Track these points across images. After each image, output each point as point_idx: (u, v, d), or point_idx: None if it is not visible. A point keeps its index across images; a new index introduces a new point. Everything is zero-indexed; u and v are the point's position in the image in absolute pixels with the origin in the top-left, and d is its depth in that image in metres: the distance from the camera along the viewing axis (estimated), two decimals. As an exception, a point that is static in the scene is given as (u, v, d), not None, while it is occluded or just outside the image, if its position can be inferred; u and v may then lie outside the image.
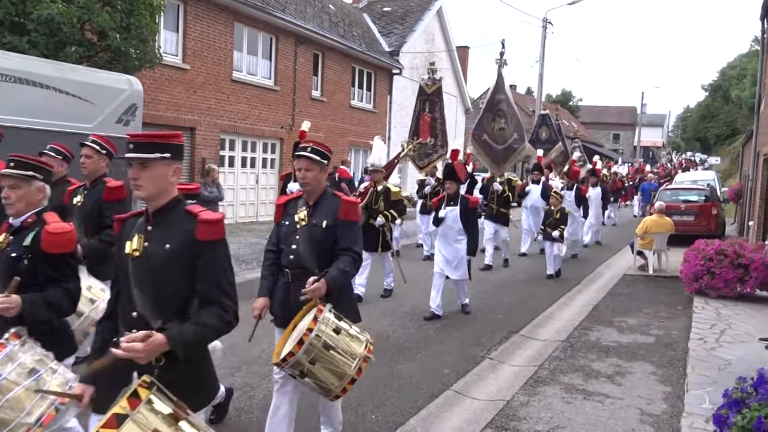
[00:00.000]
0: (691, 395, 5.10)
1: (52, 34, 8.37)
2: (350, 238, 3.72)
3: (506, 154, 12.06)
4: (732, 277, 8.55)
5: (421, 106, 12.89)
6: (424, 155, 12.59)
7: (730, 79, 54.17)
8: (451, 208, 7.65)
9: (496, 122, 12.01)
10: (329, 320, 3.40)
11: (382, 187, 8.51)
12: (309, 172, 3.73)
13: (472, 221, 7.72)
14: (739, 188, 18.90)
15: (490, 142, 11.96)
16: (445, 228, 7.72)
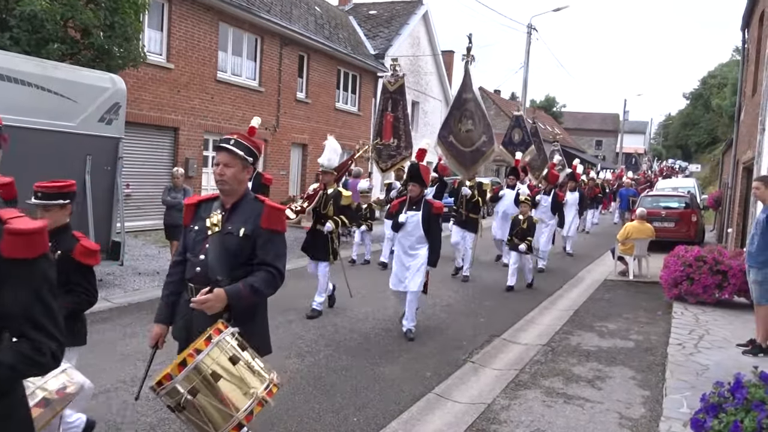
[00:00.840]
0: (669, 400, 5.15)
1: (34, 30, 8.28)
2: (271, 251, 3.18)
3: (474, 157, 11.10)
4: (711, 283, 8.65)
5: (384, 105, 12.05)
6: (387, 157, 11.79)
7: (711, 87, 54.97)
8: (413, 212, 6.97)
9: (463, 123, 11.04)
10: (227, 345, 2.82)
11: (333, 190, 7.78)
12: (228, 169, 3.17)
13: (435, 229, 6.98)
14: (719, 196, 19.14)
15: (457, 144, 11.08)
16: (404, 234, 7.07)
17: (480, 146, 10.91)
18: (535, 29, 28.73)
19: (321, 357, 6.15)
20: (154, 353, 3.38)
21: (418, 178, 7.09)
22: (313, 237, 7.77)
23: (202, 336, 2.84)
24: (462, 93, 11.34)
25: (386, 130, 11.71)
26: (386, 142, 11.57)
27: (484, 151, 10.96)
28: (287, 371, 5.67)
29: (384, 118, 11.79)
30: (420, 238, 6.97)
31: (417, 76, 28.18)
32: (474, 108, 11.05)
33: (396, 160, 11.92)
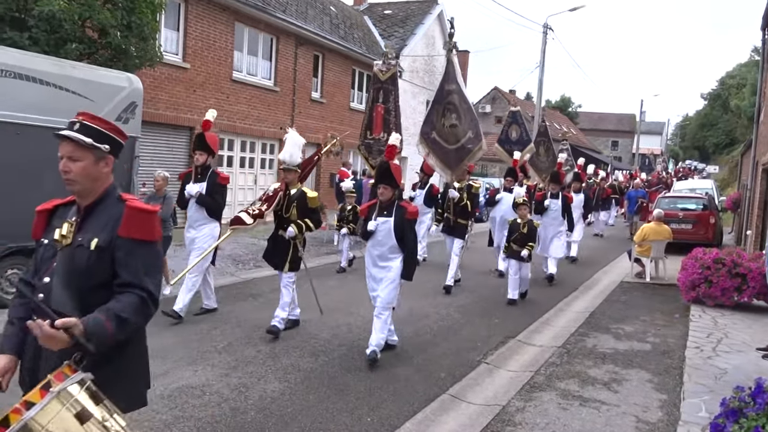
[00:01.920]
0: (687, 404, 5.09)
1: (53, 30, 8.36)
2: (137, 268, 2.43)
3: (459, 156, 9.79)
4: (729, 286, 8.54)
5: (374, 96, 10.86)
6: (378, 152, 10.52)
7: (729, 88, 54.39)
8: (384, 219, 6.07)
9: (446, 118, 9.82)
10: (70, 398, 2.04)
11: (296, 190, 6.92)
12: (74, 163, 2.43)
13: (409, 237, 6.09)
14: (737, 197, 18.93)
15: (441, 141, 9.86)
16: (374, 244, 6.18)
17: (465, 143, 9.69)
18: (551, 29, 28.54)
19: (335, 357, 6.15)
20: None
21: (388, 179, 6.13)
22: (274, 244, 7.03)
23: (41, 383, 2.10)
24: (444, 84, 10.11)
25: (376, 124, 10.60)
26: (376, 136, 10.48)
27: (471, 149, 9.66)
28: (301, 371, 5.68)
29: (374, 110, 10.70)
30: (392, 248, 6.09)
31: (431, 75, 28.11)
32: (458, 101, 9.83)
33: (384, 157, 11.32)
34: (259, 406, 4.85)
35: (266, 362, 5.86)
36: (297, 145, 7.02)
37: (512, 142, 15.28)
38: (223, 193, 7.48)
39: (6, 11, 8.17)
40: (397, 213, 6.07)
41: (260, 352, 6.16)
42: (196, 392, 5.04)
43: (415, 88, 26.93)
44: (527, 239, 9.00)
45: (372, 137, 10.61)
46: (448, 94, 9.89)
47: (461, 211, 10.02)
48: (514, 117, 15.99)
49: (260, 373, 5.56)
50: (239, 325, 7.07)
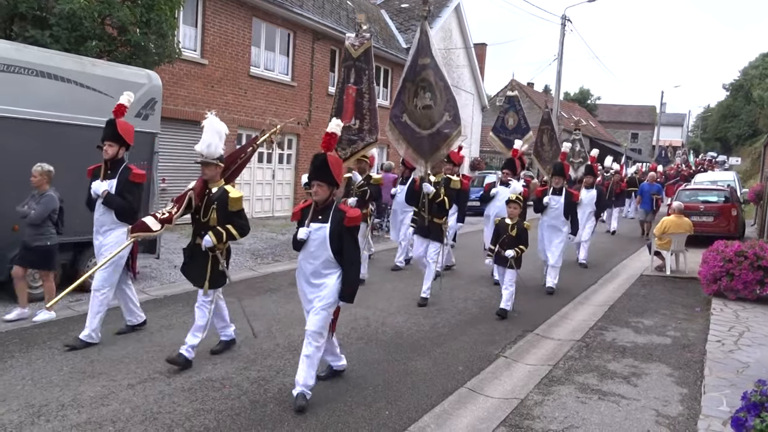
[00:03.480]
0: (708, 398, 5.04)
1: (73, 28, 8.46)
2: None
3: (434, 143, 8.20)
4: (751, 279, 8.43)
5: (345, 75, 9.15)
6: (347, 142, 8.99)
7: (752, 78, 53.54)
8: (318, 225, 4.87)
9: (419, 98, 8.19)
10: None
11: (218, 189, 5.66)
12: None
13: (350, 248, 4.89)
14: (760, 189, 18.63)
15: (412, 125, 8.28)
16: (306, 256, 4.94)
17: (442, 127, 8.12)
18: (570, 20, 28.33)
19: (353, 350, 6.17)
20: None
21: (323, 175, 4.89)
22: (192, 255, 5.75)
23: None
24: (417, 58, 8.32)
25: (347, 109, 8.93)
26: (346, 123, 8.75)
27: (448, 134, 8.12)
28: (319, 364, 5.71)
29: (344, 92, 9.03)
30: (328, 262, 4.88)
31: (449, 69, 27.96)
32: (434, 77, 8.19)
33: (357, 147, 9.09)
34: (278, 398, 4.90)
35: (285, 355, 5.91)
36: (217, 133, 5.69)
37: (509, 131, 13.95)
38: (135, 192, 6.34)
39: (27, 10, 8.29)
40: (334, 218, 4.87)
41: (279, 345, 6.21)
42: (216, 385, 5.10)
43: (432, 82, 26.80)
44: (515, 243, 7.77)
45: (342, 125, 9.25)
46: (422, 69, 8.27)
47: (438, 209, 8.36)
48: (511, 102, 14.51)
49: (279, 366, 5.61)
50: (257, 319, 7.12)
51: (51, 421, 4.33)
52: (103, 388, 4.93)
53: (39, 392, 4.81)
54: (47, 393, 4.80)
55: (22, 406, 4.55)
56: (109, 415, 4.46)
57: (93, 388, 4.92)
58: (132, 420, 4.39)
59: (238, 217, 5.69)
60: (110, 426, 4.30)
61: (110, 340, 6.19)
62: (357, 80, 9.03)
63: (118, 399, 4.74)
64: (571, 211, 9.72)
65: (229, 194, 5.63)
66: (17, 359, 5.54)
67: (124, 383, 5.04)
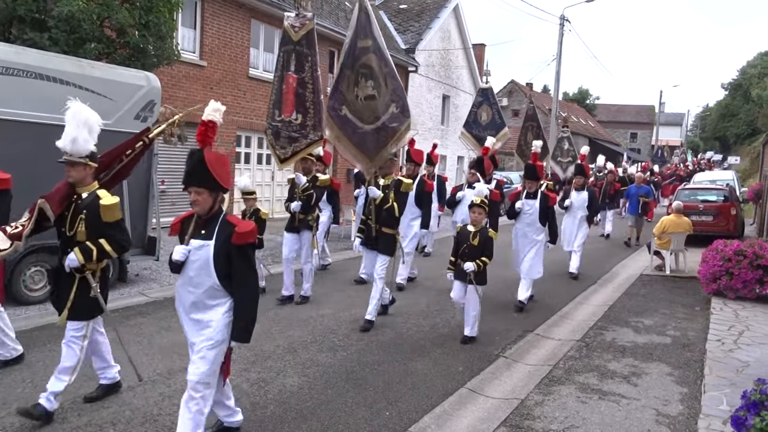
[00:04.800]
0: (708, 397, 5.05)
1: (72, 30, 8.46)
2: None
3: (380, 139, 7.03)
4: (751, 278, 8.44)
5: (284, 62, 7.76)
6: (288, 140, 7.78)
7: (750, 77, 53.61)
8: (200, 242, 3.83)
9: (360, 87, 7.04)
10: None
11: (88, 195, 4.55)
12: None
13: (242, 270, 3.82)
14: (759, 188, 18.64)
15: (353, 119, 7.13)
16: (185, 281, 3.88)
17: (388, 121, 6.97)
18: (568, 20, 28.35)
19: (353, 351, 6.17)
20: None
21: (202, 179, 3.83)
22: (57, 278, 4.69)
23: None
24: (356, 40, 7.09)
25: (286, 100, 7.71)
26: (286, 117, 7.68)
27: (395, 129, 6.96)
28: (319, 365, 5.72)
29: (284, 81, 7.76)
30: (213, 291, 3.84)
31: (448, 69, 28.06)
32: (377, 63, 6.99)
33: (300, 145, 7.82)
34: (279, 400, 4.90)
35: (285, 357, 5.91)
36: (86, 125, 4.50)
37: (482, 126, 12.59)
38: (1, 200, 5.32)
39: (26, 12, 8.29)
40: (220, 233, 3.81)
41: (279, 347, 6.21)
42: (216, 387, 5.09)
43: (432, 83, 26.87)
44: (478, 254, 6.53)
45: (280, 119, 7.75)
46: (362, 53, 7.05)
47: (387, 217, 7.12)
48: (485, 96, 13.13)
49: (279, 368, 5.61)
50: (258, 320, 7.11)
51: (51, 423, 4.33)
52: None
53: (40, 395, 4.80)
54: (47, 395, 4.79)
55: (22, 408, 4.53)
56: (109, 417, 4.46)
57: (92, 391, 4.91)
58: (132, 422, 4.39)
59: (113, 230, 4.53)
60: (110, 428, 4.30)
61: (110, 342, 6.18)
62: (298, 68, 7.74)
63: (117, 401, 4.74)
64: (548, 216, 8.51)
65: (101, 201, 4.48)
66: (18, 362, 5.53)
67: (124, 385, 5.04)
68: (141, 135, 4.99)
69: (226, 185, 3.93)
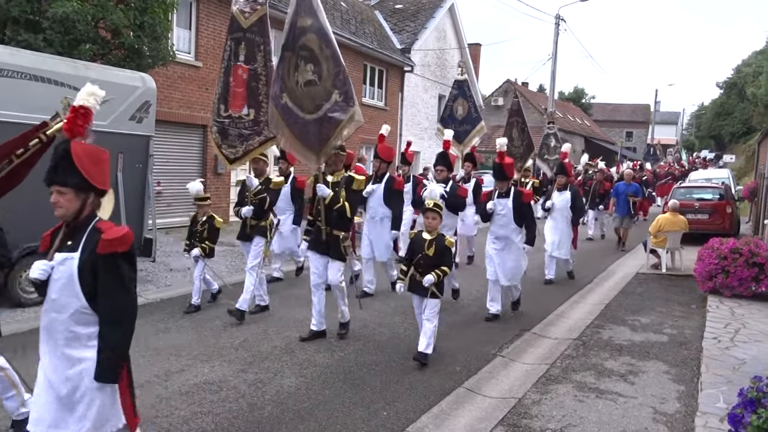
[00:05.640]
0: (705, 394, 5.06)
1: (66, 32, 8.43)
2: None
3: (323, 131, 6.09)
4: (747, 276, 8.46)
5: (233, 51, 7.09)
6: (238, 138, 7.04)
7: (745, 76, 53.58)
8: (64, 255, 3.04)
9: (300, 71, 6.10)
10: None
11: None
12: None
13: (109, 290, 2.99)
14: (754, 186, 18.69)
15: (294, 108, 6.16)
16: (50, 306, 3.05)
17: (330, 110, 6.01)
18: (563, 20, 28.37)
19: (350, 351, 6.17)
20: None
21: (66, 174, 3.07)
22: None
23: None
24: (296, 19, 6.23)
25: (236, 94, 7.00)
26: (235, 113, 6.97)
27: (338, 120, 6.01)
28: (317, 366, 5.72)
29: (231, 73, 7.05)
30: (80, 316, 3.02)
31: (443, 69, 28.06)
32: (318, 44, 6.06)
33: (253, 144, 7.07)
34: (276, 401, 4.89)
35: (282, 358, 5.90)
36: None
37: (458, 121, 11.83)
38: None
39: (20, 13, 8.26)
40: (87, 243, 3.03)
41: (276, 347, 6.20)
42: (213, 388, 5.09)
43: (427, 82, 26.88)
44: (435, 264, 5.79)
45: (227, 114, 7.01)
46: (302, 33, 6.13)
47: (338, 219, 6.42)
48: (461, 88, 12.25)
49: (276, 369, 5.60)
50: (254, 321, 7.11)
51: (48, 426, 4.30)
52: (100, 393, 4.91)
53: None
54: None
55: (18, 411, 4.52)
56: (106, 419, 4.44)
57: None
58: (129, 424, 4.37)
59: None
60: (107, 430, 4.28)
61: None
62: (249, 58, 6.99)
63: (115, 403, 4.72)
64: (524, 215, 7.70)
65: None
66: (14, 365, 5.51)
67: (121, 387, 5.02)
68: (36, 131, 4.19)
69: (100, 185, 3.14)
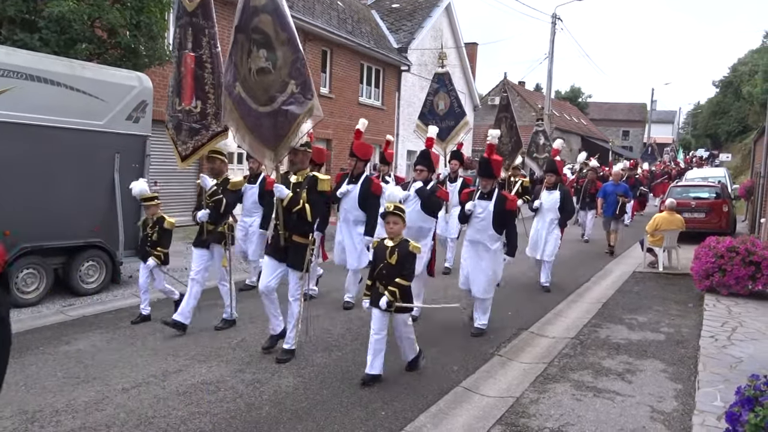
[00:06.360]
0: (702, 393, 5.07)
1: (62, 31, 8.41)
2: None
3: (278, 126, 5.43)
4: (743, 274, 8.49)
5: (182, 38, 6.39)
6: (189, 133, 6.43)
7: (741, 75, 53.77)
8: None
9: (252, 58, 5.44)
10: None
11: None
12: None
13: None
14: (751, 185, 18.75)
15: (248, 99, 5.51)
16: None
17: (285, 102, 5.34)
18: (560, 19, 28.44)
19: (348, 351, 6.17)
20: None
21: None
22: None
23: None
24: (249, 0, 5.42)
25: (186, 86, 6.33)
26: (186, 106, 6.35)
27: (296, 115, 5.34)
28: (314, 365, 5.71)
29: (182, 62, 6.36)
30: None
31: (440, 69, 28.03)
32: (273, 28, 5.33)
33: (202, 139, 6.42)
34: (274, 400, 4.89)
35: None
36: None
37: (440, 117, 11.02)
38: None
39: (16, 13, 8.23)
40: None
41: (273, 348, 6.19)
42: (210, 388, 5.08)
43: (424, 82, 26.82)
44: (396, 273, 5.19)
45: (181, 108, 6.39)
46: (254, 13, 5.40)
47: (297, 222, 5.73)
48: (441, 81, 11.43)
49: (274, 369, 5.59)
50: (252, 321, 7.10)
51: (45, 427, 4.31)
52: (98, 393, 4.91)
53: (32, 398, 4.78)
54: (41, 399, 4.77)
55: (15, 412, 4.52)
56: (103, 420, 4.43)
57: (87, 393, 4.89)
58: (127, 424, 4.37)
59: None
60: (105, 431, 4.27)
61: (104, 344, 6.17)
62: (195, 45, 6.30)
63: (112, 404, 4.72)
64: (505, 222, 6.88)
65: None
66: (10, 365, 5.46)
67: (119, 387, 5.02)
68: None
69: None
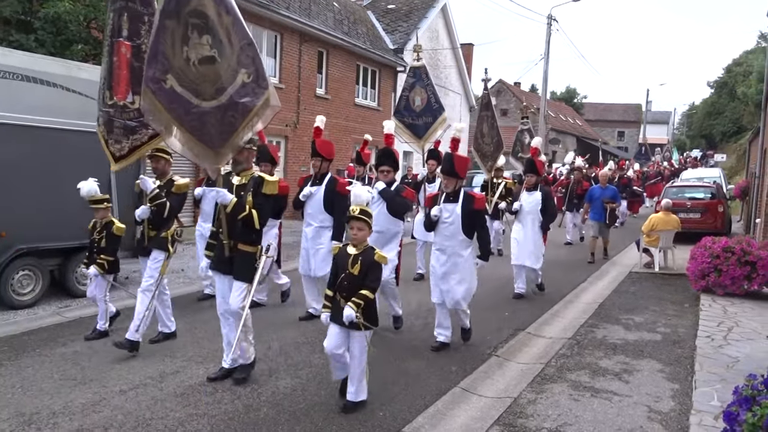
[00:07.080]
0: (699, 393, 5.08)
1: (58, 32, 8.41)
2: None
3: (226, 122, 4.80)
4: (739, 274, 8.52)
5: (116, 25, 5.73)
6: (121, 131, 5.81)
7: (735, 75, 53.96)
8: None
9: (191, 45, 4.74)
10: None
11: None
12: None
13: None
14: (746, 185, 18.83)
15: (186, 93, 4.79)
16: None
17: (236, 95, 4.78)
18: (555, 20, 28.49)
19: (346, 352, 6.16)
20: None
21: None
22: None
23: None
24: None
25: (119, 77, 5.69)
26: (119, 100, 5.73)
27: (251, 107, 4.81)
28: (312, 366, 5.71)
29: (116, 51, 5.70)
30: None
31: (436, 69, 28.06)
32: (215, 10, 4.76)
33: (141, 138, 5.85)
34: (272, 402, 4.88)
35: (277, 359, 5.89)
36: None
37: (416, 113, 9.97)
38: None
39: (12, 14, 8.23)
40: None
41: (271, 349, 6.19)
42: (208, 389, 5.07)
43: (420, 83, 26.86)
44: (359, 284, 4.62)
45: (112, 102, 5.76)
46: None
47: (242, 230, 5.14)
48: (417, 75, 10.22)
49: (272, 370, 5.59)
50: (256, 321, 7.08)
51: (42, 429, 4.29)
52: (95, 395, 4.89)
53: (29, 400, 4.76)
54: (38, 401, 4.76)
55: (12, 414, 4.50)
56: (101, 421, 4.42)
57: (84, 395, 4.88)
58: (124, 426, 4.36)
59: None
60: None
61: (101, 346, 6.15)
62: (132, 33, 5.65)
63: (110, 405, 4.71)
64: (475, 223, 6.26)
65: None
66: (6, 367, 5.49)
67: (116, 389, 5.01)
68: None
69: None
